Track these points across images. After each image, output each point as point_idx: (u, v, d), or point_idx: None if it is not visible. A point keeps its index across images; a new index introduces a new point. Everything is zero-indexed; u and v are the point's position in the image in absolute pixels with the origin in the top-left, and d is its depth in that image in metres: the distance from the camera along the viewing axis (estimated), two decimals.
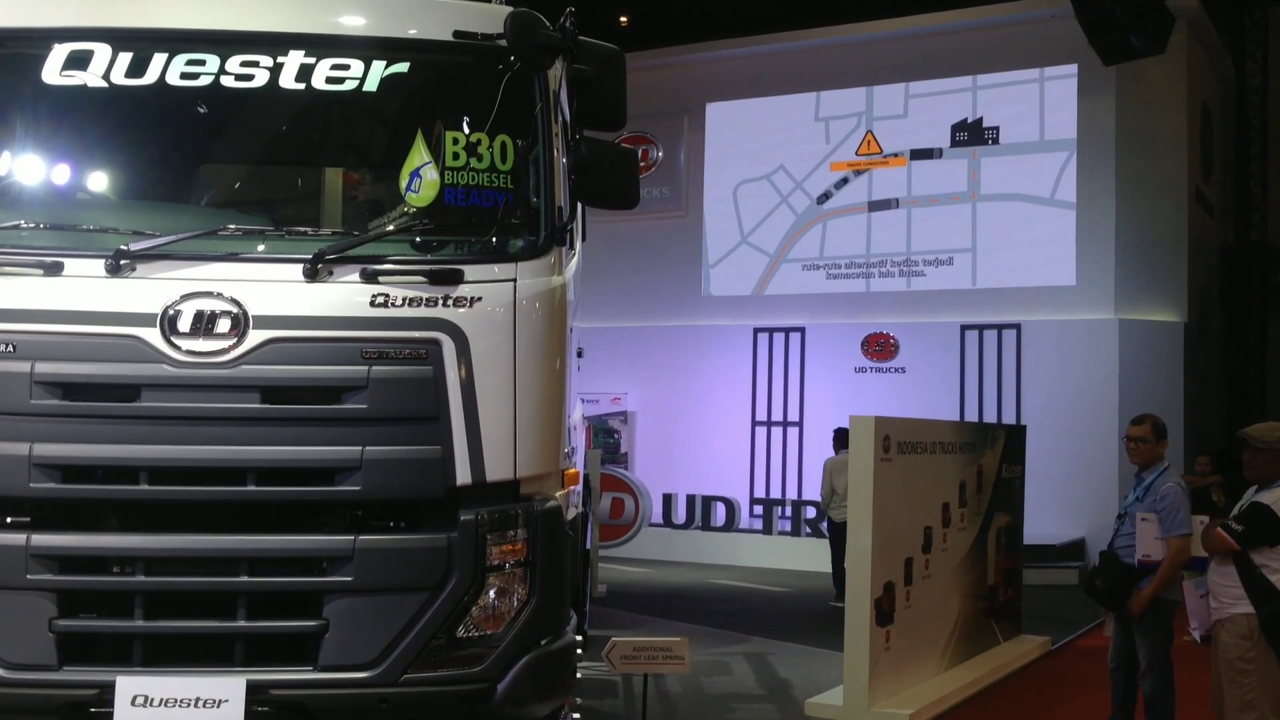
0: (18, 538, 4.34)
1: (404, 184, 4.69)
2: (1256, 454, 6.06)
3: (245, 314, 4.45)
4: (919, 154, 17.85)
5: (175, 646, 4.41)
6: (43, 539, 4.35)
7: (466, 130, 4.75)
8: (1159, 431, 6.89)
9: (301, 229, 4.85)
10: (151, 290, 4.46)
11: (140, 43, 4.74)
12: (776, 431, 18.34)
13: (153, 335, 4.42)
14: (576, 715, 5.47)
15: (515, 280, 4.65)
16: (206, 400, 4.41)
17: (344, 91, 4.80)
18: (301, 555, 4.47)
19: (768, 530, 16.72)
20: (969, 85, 17.54)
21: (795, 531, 16.55)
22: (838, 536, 12.09)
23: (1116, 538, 6.94)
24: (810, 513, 16.49)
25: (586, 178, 4.93)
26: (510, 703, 4.52)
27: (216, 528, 4.44)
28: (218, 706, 4.23)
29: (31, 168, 4.83)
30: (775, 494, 17.81)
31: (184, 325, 4.42)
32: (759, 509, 17.15)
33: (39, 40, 4.74)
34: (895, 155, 18.01)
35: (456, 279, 4.58)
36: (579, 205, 5.12)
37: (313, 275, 4.51)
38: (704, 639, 10.38)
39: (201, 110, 4.93)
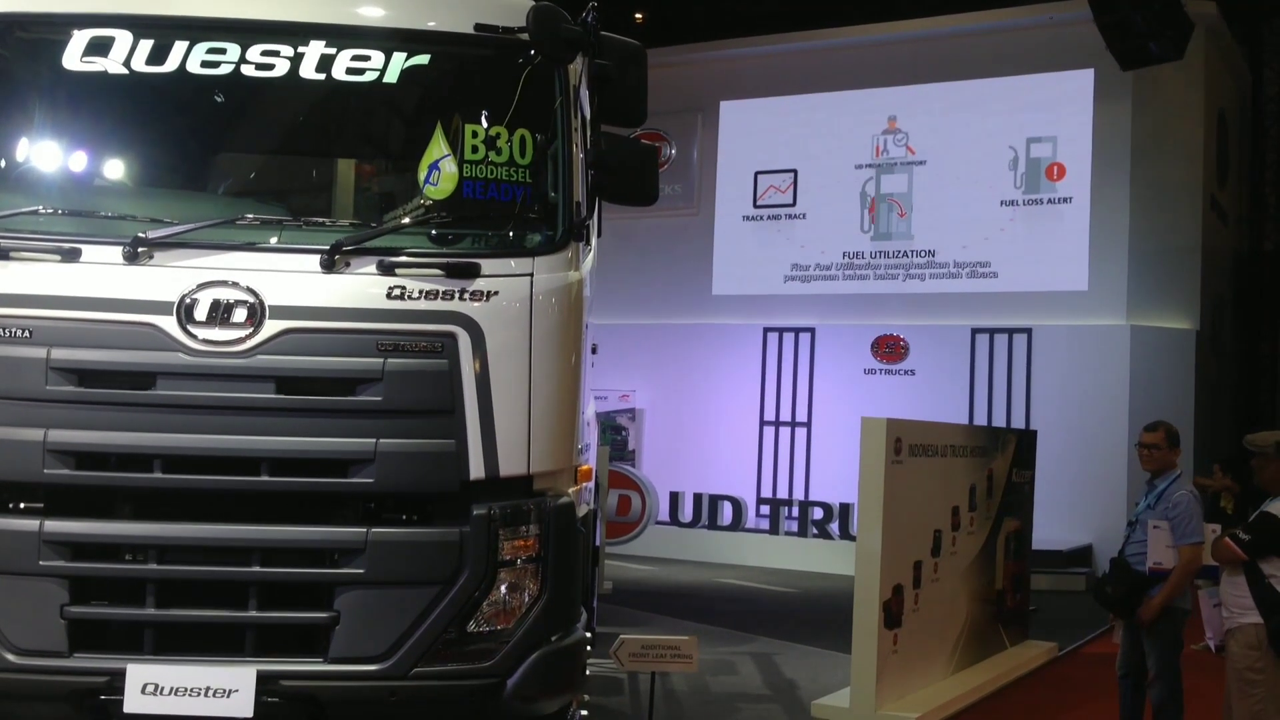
0: (31, 523, 4.34)
1: (422, 176, 4.68)
2: (1262, 460, 6.04)
3: (262, 304, 4.45)
4: (932, 156, 17.78)
5: (186, 635, 4.41)
6: (56, 525, 4.35)
7: (486, 124, 4.74)
8: (1172, 439, 6.86)
9: (319, 220, 4.87)
10: (168, 278, 4.46)
11: (161, 30, 4.73)
12: (785, 431, 18.30)
13: (169, 323, 4.42)
14: (584, 712, 5.46)
15: (532, 275, 4.64)
16: (221, 389, 4.41)
17: (364, 83, 4.79)
18: (314, 547, 4.46)
19: (774, 530, 16.73)
20: (984, 88, 17.45)
21: (802, 532, 16.55)
22: None
23: (1127, 545, 6.91)
24: (817, 514, 16.49)
25: (606, 173, 4.93)
26: (520, 698, 4.52)
27: (229, 517, 4.43)
28: (228, 696, 4.24)
29: (51, 154, 4.83)
30: (782, 494, 17.77)
31: (200, 314, 4.42)
32: (766, 509, 17.14)
33: (60, 26, 4.74)
34: (909, 157, 17.94)
35: (473, 272, 4.56)
36: (597, 201, 5.12)
37: (330, 266, 4.51)
38: (710, 638, 10.35)
39: (221, 99, 4.94)
